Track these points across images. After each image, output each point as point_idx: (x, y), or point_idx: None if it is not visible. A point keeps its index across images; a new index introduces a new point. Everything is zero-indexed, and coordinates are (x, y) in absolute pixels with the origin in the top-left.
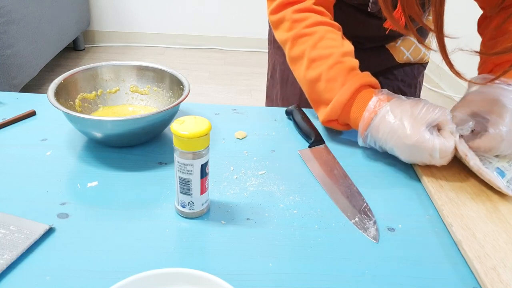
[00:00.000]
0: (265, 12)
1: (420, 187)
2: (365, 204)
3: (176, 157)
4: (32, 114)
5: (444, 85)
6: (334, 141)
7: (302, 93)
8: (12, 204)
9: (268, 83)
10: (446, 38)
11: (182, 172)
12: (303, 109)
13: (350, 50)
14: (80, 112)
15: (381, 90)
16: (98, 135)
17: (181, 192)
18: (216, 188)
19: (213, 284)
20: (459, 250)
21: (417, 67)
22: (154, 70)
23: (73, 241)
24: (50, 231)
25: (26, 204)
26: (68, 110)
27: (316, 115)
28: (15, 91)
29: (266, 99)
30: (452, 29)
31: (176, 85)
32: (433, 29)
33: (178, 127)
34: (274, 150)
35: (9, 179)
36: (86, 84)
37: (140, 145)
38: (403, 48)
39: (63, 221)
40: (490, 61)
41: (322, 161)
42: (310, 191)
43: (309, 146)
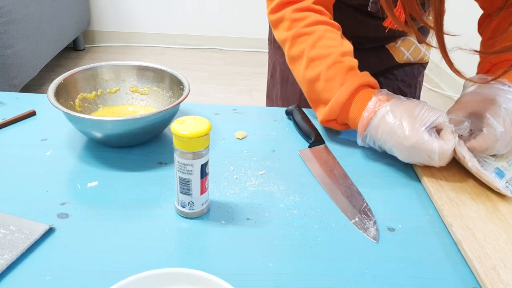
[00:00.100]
0: (265, 12)
1: (420, 187)
2: (365, 204)
3: (176, 157)
4: (32, 114)
5: (444, 85)
6: (334, 141)
7: (302, 93)
8: (12, 204)
9: (268, 83)
10: (446, 37)
11: (182, 172)
12: (303, 109)
13: (349, 50)
14: (80, 112)
15: (381, 90)
16: (98, 135)
17: (181, 192)
18: (216, 188)
19: (213, 284)
20: (459, 250)
21: (417, 67)
22: (154, 70)
23: (73, 241)
24: (50, 231)
25: (26, 204)
26: (68, 110)
27: (316, 115)
28: (15, 91)
29: (266, 99)
30: (452, 28)
31: (176, 85)
32: (433, 27)
33: (178, 127)
34: (274, 150)
35: (9, 179)
36: (86, 84)
37: (140, 145)
38: (403, 49)
39: (63, 221)
40: (487, 60)
41: (322, 161)
42: (310, 191)
43: (309, 146)
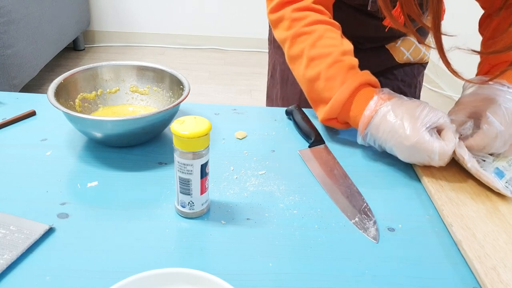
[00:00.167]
0: (265, 12)
1: (420, 187)
2: (365, 204)
3: (176, 157)
4: (32, 114)
5: (444, 85)
6: (334, 141)
7: (302, 93)
8: (12, 204)
9: (268, 83)
10: (444, 38)
11: (182, 172)
12: (303, 109)
13: (349, 49)
14: (80, 112)
15: (382, 89)
16: (98, 135)
17: (181, 192)
18: (216, 188)
19: (213, 284)
20: (459, 250)
21: (417, 67)
22: (154, 70)
23: (73, 241)
24: (50, 231)
25: (26, 204)
26: (68, 110)
27: (316, 115)
28: (15, 91)
29: (266, 99)
30: (451, 29)
31: (176, 85)
32: (431, 27)
33: (178, 127)
34: (274, 150)
35: (9, 179)
36: (86, 84)
37: (140, 145)
38: (403, 49)
39: (63, 221)
40: (487, 62)
41: (322, 161)
42: (310, 191)
43: (309, 146)
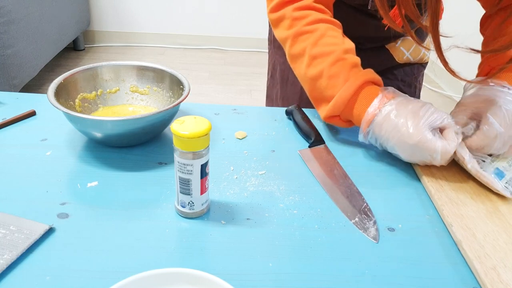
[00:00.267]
0: (265, 12)
1: (420, 187)
2: (365, 204)
3: (176, 157)
4: (32, 114)
5: (444, 85)
6: (334, 141)
7: (302, 93)
8: (12, 204)
9: (268, 83)
10: (442, 37)
11: (182, 172)
12: (303, 109)
13: (351, 47)
14: (80, 112)
15: (387, 87)
16: (98, 135)
17: (181, 192)
18: (216, 188)
19: (213, 284)
20: (459, 250)
21: (417, 67)
22: (154, 70)
23: (73, 241)
24: (50, 231)
25: (26, 204)
26: (68, 110)
27: (316, 115)
28: (15, 91)
29: (266, 99)
30: (450, 28)
31: (176, 85)
32: (429, 27)
33: (178, 127)
34: (274, 150)
35: (9, 179)
36: (86, 84)
37: (140, 145)
38: (403, 49)
39: (63, 221)
40: (487, 63)
41: (322, 161)
42: (310, 191)
43: (309, 146)
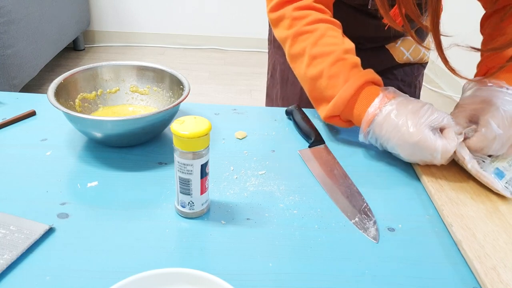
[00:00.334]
0: (265, 12)
1: (420, 187)
2: (365, 204)
3: (176, 157)
4: (32, 114)
5: (444, 85)
6: (334, 141)
7: (302, 93)
8: (12, 204)
9: (268, 82)
10: (443, 36)
11: (182, 172)
12: (303, 109)
13: (351, 47)
14: (80, 112)
15: (387, 87)
16: (98, 135)
17: (181, 192)
18: (216, 188)
19: (213, 284)
20: (459, 250)
21: (417, 67)
22: (154, 70)
23: (73, 241)
24: (50, 231)
25: (26, 204)
26: (68, 110)
27: (316, 115)
28: (15, 91)
29: (266, 98)
30: (451, 28)
31: (176, 85)
32: (429, 25)
33: (178, 127)
34: (274, 150)
35: (9, 179)
36: (86, 84)
37: (140, 145)
38: (403, 49)
39: (63, 221)
40: (484, 63)
41: (322, 161)
42: (310, 191)
43: (309, 146)
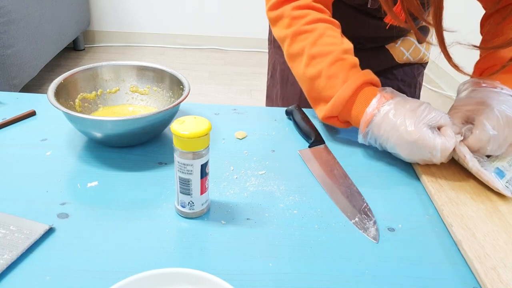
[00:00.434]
0: (265, 12)
1: (420, 187)
2: (365, 204)
3: (176, 157)
4: (32, 114)
5: (444, 85)
6: (334, 141)
7: (302, 93)
8: (12, 204)
9: (268, 82)
10: (445, 34)
11: (182, 172)
12: (303, 109)
13: (350, 48)
14: (80, 112)
15: (385, 88)
16: (98, 135)
17: (181, 192)
18: (216, 188)
19: (213, 284)
20: (459, 250)
21: (417, 67)
22: (154, 70)
23: (73, 241)
24: (50, 231)
25: (26, 204)
26: (68, 110)
27: (316, 115)
28: (15, 91)
29: (266, 99)
30: (451, 27)
31: (176, 85)
32: (432, 21)
33: (178, 127)
34: (274, 150)
35: (9, 179)
36: (86, 84)
37: (140, 145)
38: (403, 49)
39: (63, 221)
40: (479, 65)
41: (322, 161)
42: (310, 191)
43: (309, 146)
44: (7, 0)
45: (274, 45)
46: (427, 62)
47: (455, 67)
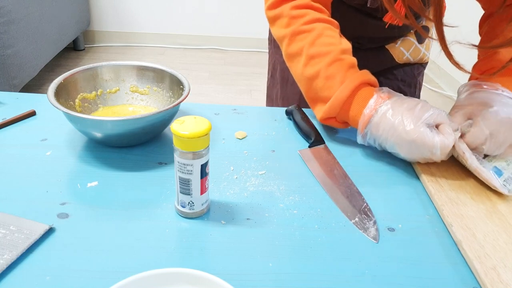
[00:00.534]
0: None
1: (420, 187)
2: (365, 204)
3: (176, 157)
4: (32, 114)
5: (444, 85)
6: (334, 141)
7: (302, 93)
8: (12, 204)
9: (268, 82)
10: (445, 32)
11: (182, 172)
12: (303, 109)
13: (348, 48)
14: (80, 112)
15: (381, 88)
16: (98, 135)
17: (181, 192)
18: (216, 188)
19: (213, 284)
20: (459, 250)
21: (417, 67)
22: (154, 70)
23: (73, 241)
24: (50, 231)
25: (26, 204)
26: (68, 110)
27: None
28: (15, 91)
29: (266, 99)
30: (450, 28)
31: (176, 85)
32: (432, 17)
33: (178, 127)
34: (274, 150)
35: (9, 179)
36: (86, 84)
37: (140, 145)
38: (402, 49)
39: (63, 221)
40: (478, 67)
41: (322, 161)
42: (310, 191)
43: (309, 146)
44: (7, 0)
45: (274, 45)
46: (427, 62)
47: (456, 64)
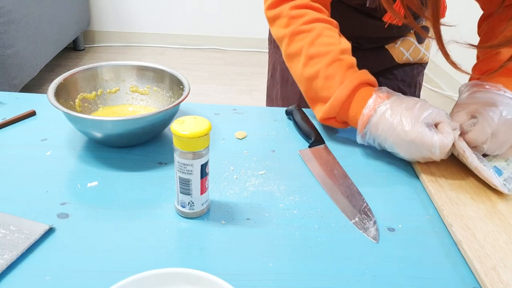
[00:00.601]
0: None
1: (420, 187)
2: (365, 204)
3: (176, 157)
4: (32, 114)
5: (444, 85)
6: (334, 141)
7: (302, 93)
8: (12, 204)
9: (268, 82)
10: (443, 32)
11: (182, 172)
12: (303, 109)
13: (347, 48)
14: (80, 112)
15: (380, 88)
16: (98, 135)
17: (181, 192)
18: (216, 188)
19: (213, 284)
20: (459, 250)
21: (417, 67)
22: (154, 70)
23: (73, 241)
24: (50, 231)
25: (26, 204)
26: (68, 110)
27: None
28: (15, 91)
29: (266, 99)
30: (449, 28)
31: (176, 85)
32: (429, 17)
33: (178, 127)
34: (274, 150)
35: (9, 179)
36: (86, 84)
37: (140, 145)
38: (402, 49)
39: (63, 221)
40: (478, 68)
41: (322, 161)
42: (310, 191)
43: (309, 146)
44: (7, 0)
45: (274, 45)
46: (427, 62)
47: (453, 64)
